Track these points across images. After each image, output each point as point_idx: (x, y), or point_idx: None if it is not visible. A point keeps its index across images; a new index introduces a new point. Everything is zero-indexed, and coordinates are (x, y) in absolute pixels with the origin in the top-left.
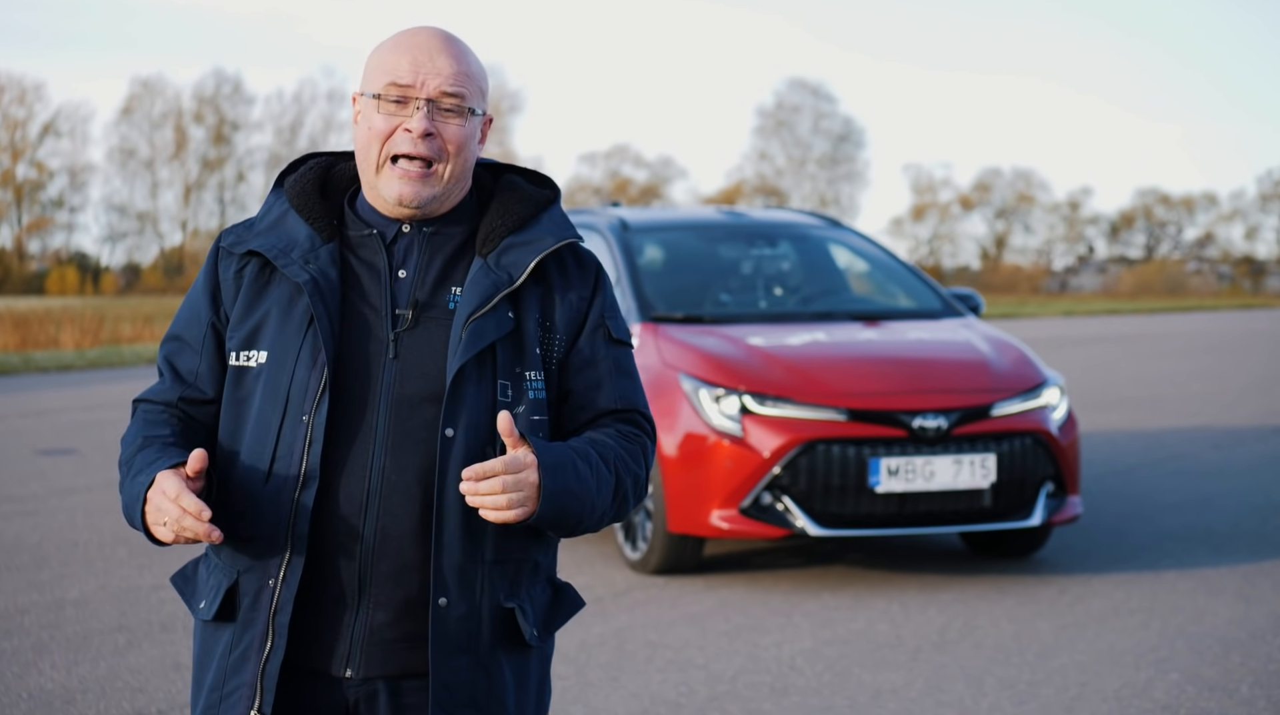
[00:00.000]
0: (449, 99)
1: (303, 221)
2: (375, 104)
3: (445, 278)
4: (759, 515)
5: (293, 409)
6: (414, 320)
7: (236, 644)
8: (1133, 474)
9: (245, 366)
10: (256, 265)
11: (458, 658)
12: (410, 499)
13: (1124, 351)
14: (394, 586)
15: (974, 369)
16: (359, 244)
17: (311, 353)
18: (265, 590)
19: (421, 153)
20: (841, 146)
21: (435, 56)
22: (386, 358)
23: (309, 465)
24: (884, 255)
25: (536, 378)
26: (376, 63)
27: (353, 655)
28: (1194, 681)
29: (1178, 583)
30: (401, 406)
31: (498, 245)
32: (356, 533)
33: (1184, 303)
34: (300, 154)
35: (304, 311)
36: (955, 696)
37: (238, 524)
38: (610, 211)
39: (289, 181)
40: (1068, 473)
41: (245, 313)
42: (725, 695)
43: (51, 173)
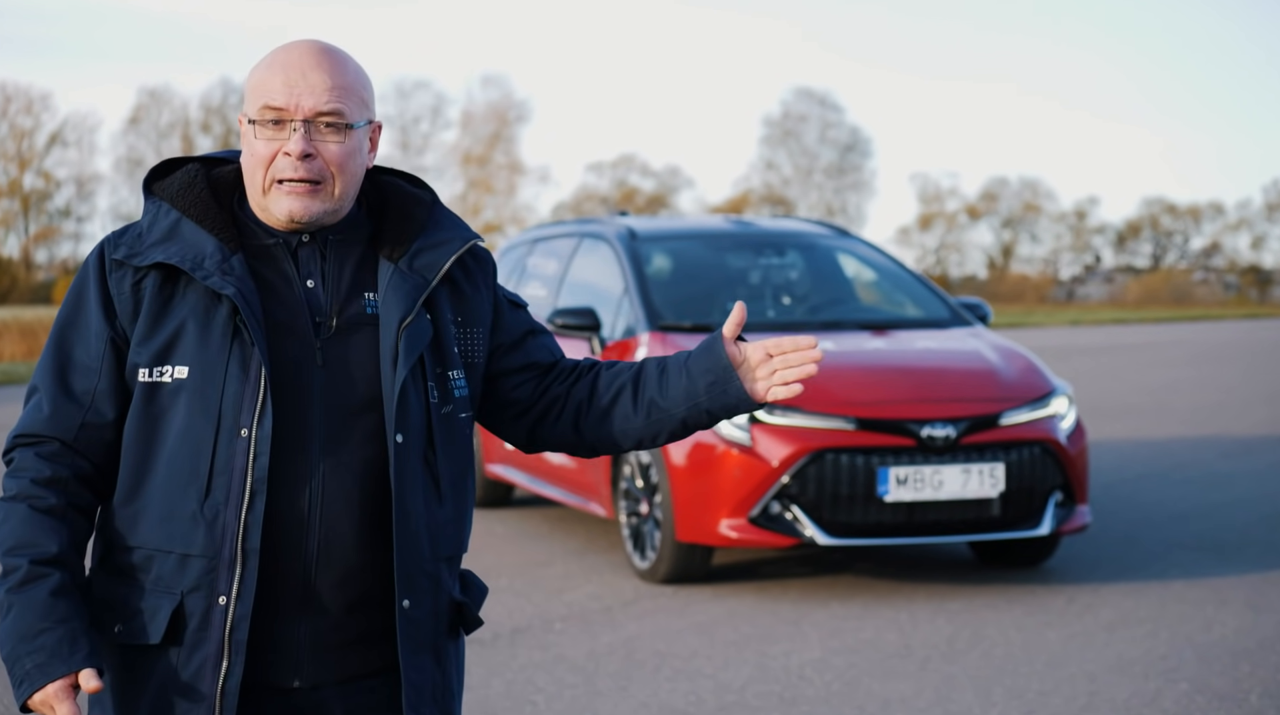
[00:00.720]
0: (326, 117)
1: (204, 231)
2: (254, 129)
3: (357, 284)
4: (768, 524)
5: (226, 423)
6: (335, 328)
7: (183, 666)
8: (1141, 483)
9: (159, 382)
10: (158, 278)
11: (422, 656)
12: (351, 505)
13: (1131, 361)
14: (338, 592)
15: (982, 378)
16: (263, 253)
17: (241, 365)
18: (215, 609)
19: (302, 175)
20: (848, 156)
21: (308, 73)
22: (315, 366)
23: (255, 478)
24: (892, 264)
25: (459, 376)
26: (253, 84)
27: (301, 665)
28: (1203, 691)
29: (1186, 592)
30: (334, 414)
31: (408, 249)
32: (301, 543)
33: (1190, 312)
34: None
35: (224, 322)
36: (964, 706)
37: (174, 544)
38: (618, 220)
39: (169, 189)
40: (1076, 482)
41: (152, 328)
42: (734, 705)
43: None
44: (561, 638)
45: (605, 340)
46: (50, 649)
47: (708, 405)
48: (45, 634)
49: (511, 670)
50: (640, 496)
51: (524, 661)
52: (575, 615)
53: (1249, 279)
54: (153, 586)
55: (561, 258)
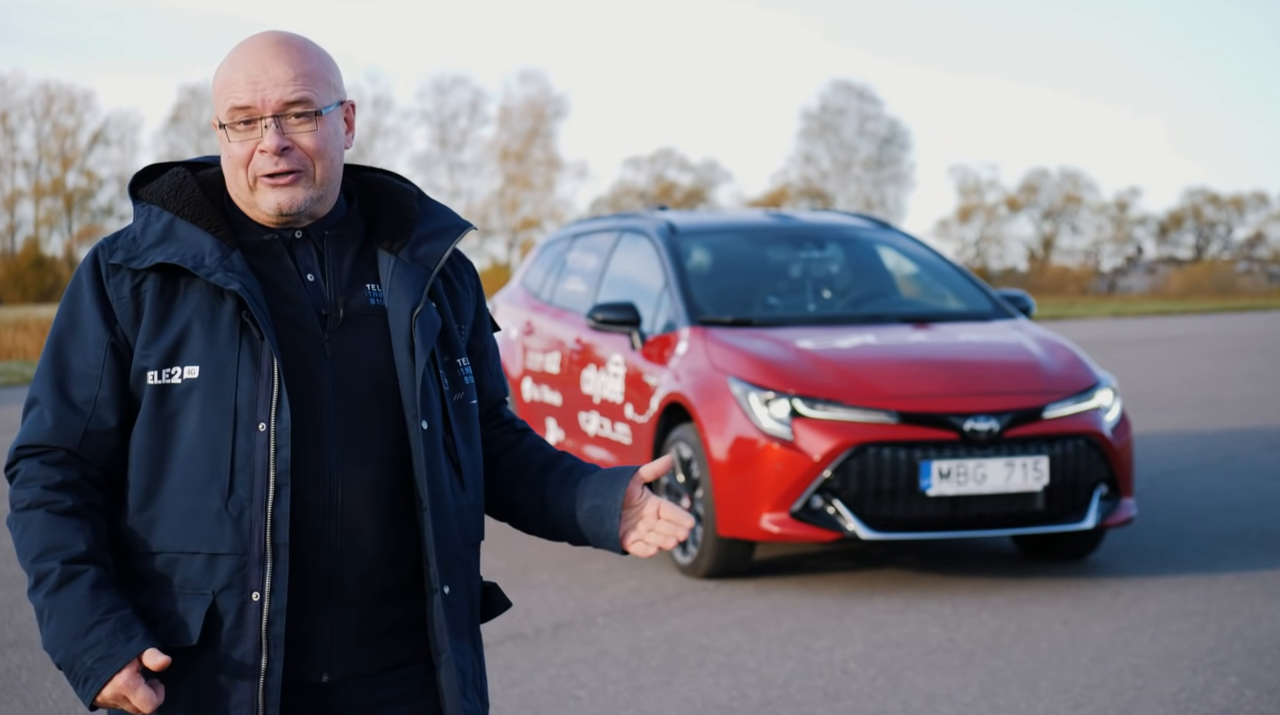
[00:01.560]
0: (294, 107)
1: (201, 230)
2: (226, 131)
3: (358, 275)
4: (810, 518)
5: (243, 418)
6: (341, 320)
7: (221, 665)
8: (1186, 476)
9: (169, 384)
10: (158, 279)
11: (463, 641)
12: (370, 497)
13: (1174, 352)
14: (363, 583)
15: (1025, 371)
16: (261, 250)
17: (252, 360)
18: (249, 605)
19: (282, 168)
20: (887, 148)
21: (269, 67)
22: (324, 358)
23: (278, 472)
24: (933, 257)
25: (465, 364)
26: (218, 86)
27: (329, 658)
28: (1252, 685)
29: (1234, 585)
30: (348, 405)
31: (408, 239)
32: (323, 536)
33: (1234, 303)
34: (171, 160)
35: (231, 319)
36: (1010, 700)
37: (200, 544)
38: (658, 215)
39: (158, 191)
40: (1121, 475)
41: (158, 329)
42: (778, 699)
43: (101, 181)
44: (604, 633)
45: (645, 335)
46: (107, 639)
47: (583, 526)
48: (97, 626)
49: (554, 665)
50: (682, 491)
51: (567, 656)
52: (618, 610)
53: None
54: (180, 589)
55: (601, 252)
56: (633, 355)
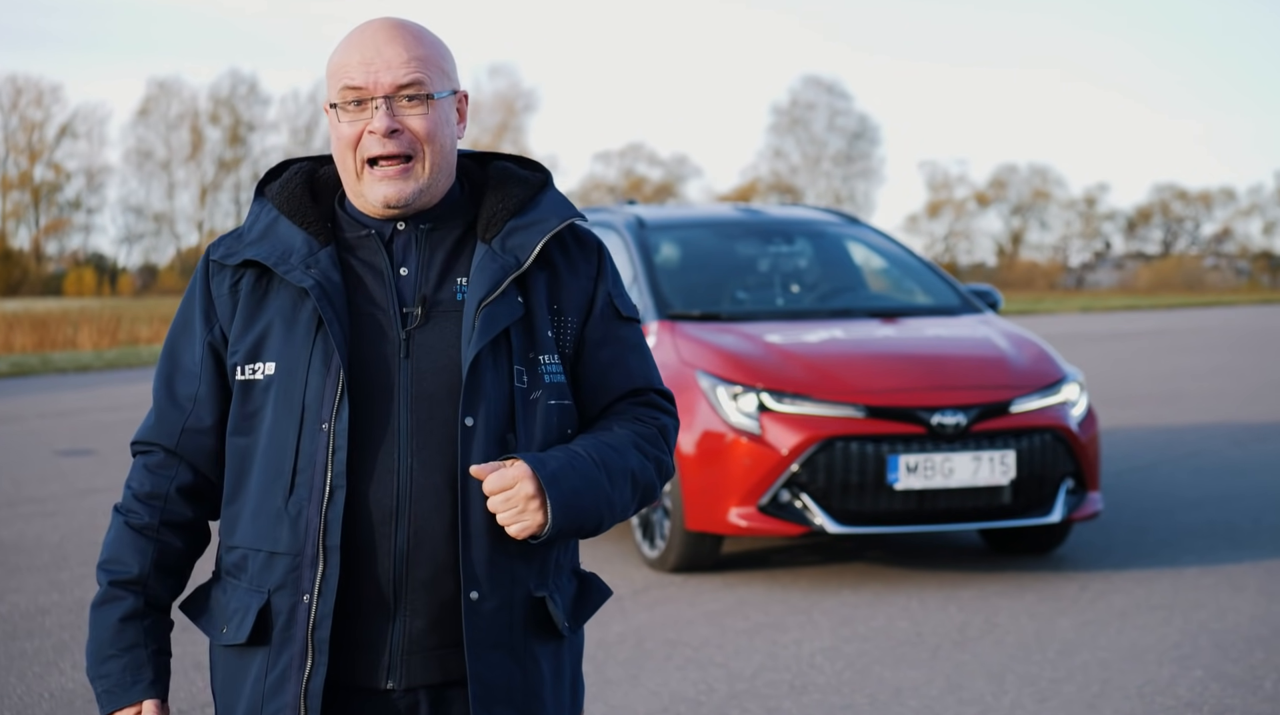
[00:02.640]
0: (406, 89)
1: (296, 227)
2: (337, 112)
3: (449, 270)
4: (777, 513)
5: (309, 417)
6: (424, 317)
7: (273, 666)
8: (1153, 470)
9: (253, 380)
10: (253, 276)
11: (493, 653)
12: (441, 500)
13: (1142, 348)
14: (430, 591)
15: (993, 365)
16: (357, 245)
17: (324, 358)
18: (300, 607)
19: (391, 151)
20: (857, 143)
21: (383, 49)
22: (400, 357)
23: (334, 474)
24: (902, 252)
25: (551, 361)
26: (331, 68)
27: (393, 666)
28: (1218, 678)
29: (1200, 579)
30: (421, 405)
31: (501, 229)
32: (389, 539)
33: (1202, 298)
34: (302, 155)
35: (310, 317)
36: (976, 694)
37: (263, 541)
38: (626, 209)
39: (273, 188)
40: (1088, 469)
41: (246, 325)
42: (745, 693)
43: (69, 174)
44: None
45: None
46: (115, 677)
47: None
48: (111, 660)
49: None
50: None
51: None
52: None
53: (1261, 265)
54: (247, 586)
55: None
56: None
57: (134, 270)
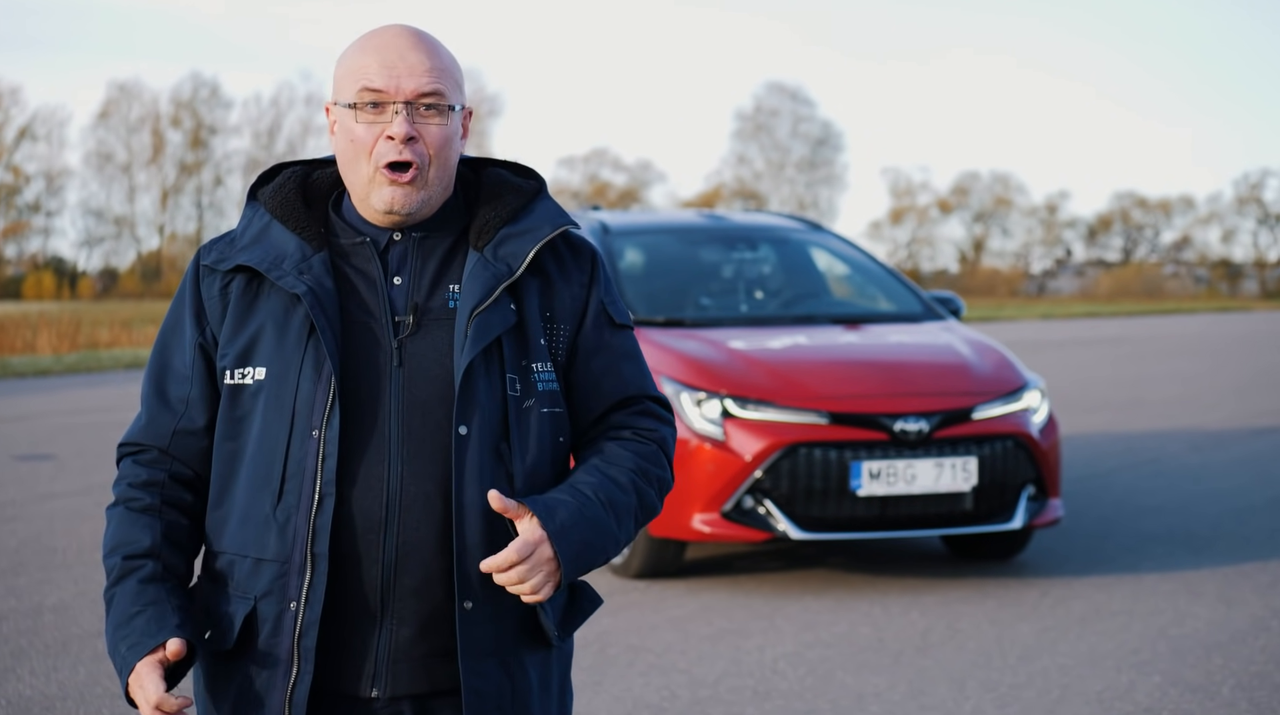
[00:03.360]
0: (427, 98)
1: (289, 232)
2: (352, 113)
3: (441, 278)
4: (741, 519)
5: (300, 424)
6: (415, 325)
7: (257, 673)
8: (1113, 477)
9: (241, 384)
10: (243, 280)
11: (485, 662)
12: (431, 509)
13: (1103, 354)
14: (418, 600)
15: (955, 372)
16: (351, 252)
17: (315, 365)
18: (286, 614)
19: (407, 158)
20: (820, 150)
21: (406, 55)
22: (392, 366)
23: (324, 481)
24: (865, 258)
25: (544, 369)
26: (346, 68)
27: (379, 675)
28: (1176, 684)
29: (1159, 585)
30: (413, 413)
31: (493, 237)
32: (377, 548)
33: (1161, 306)
34: (277, 159)
35: (302, 323)
36: (938, 699)
37: (250, 548)
38: (591, 215)
39: (266, 192)
40: (1049, 475)
41: (236, 329)
42: (708, 699)
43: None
44: None
45: None
46: (141, 629)
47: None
48: (136, 617)
49: None
50: None
51: None
52: None
53: (1219, 272)
54: (233, 592)
55: None
56: None
57: (94, 274)
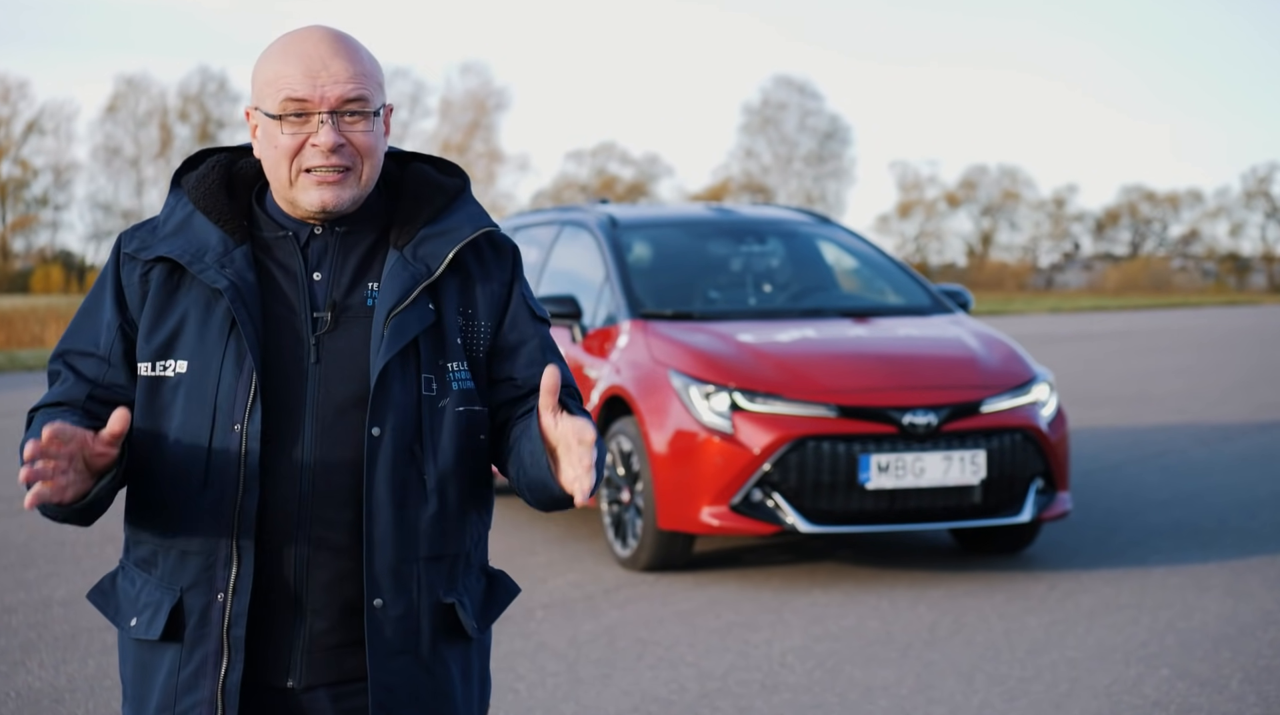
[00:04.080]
0: (351, 104)
1: (212, 224)
2: (277, 124)
3: (361, 275)
4: (749, 512)
5: (222, 418)
6: (333, 322)
7: (186, 662)
8: (1121, 470)
9: (161, 377)
10: (164, 270)
11: (397, 659)
12: (342, 505)
13: (1110, 348)
14: (331, 593)
15: (964, 365)
16: (273, 246)
17: (236, 359)
18: (214, 605)
19: (334, 163)
20: (828, 144)
21: (329, 62)
22: (309, 362)
23: (247, 475)
24: (873, 252)
25: (460, 368)
26: (267, 76)
27: (294, 665)
28: (1184, 677)
29: (1167, 579)
30: (327, 412)
31: (413, 237)
32: (292, 542)
33: (1169, 299)
34: (220, 146)
35: (223, 317)
36: (946, 693)
37: (174, 540)
38: (599, 208)
39: (189, 180)
40: (1057, 469)
41: (156, 321)
42: (716, 692)
43: (36, 171)
44: (543, 626)
45: (586, 328)
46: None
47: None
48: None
49: (494, 659)
50: (621, 484)
51: (506, 650)
52: (557, 603)
53: (1227, 266)
54: (158, 583)
55: (542, 246)
56: (573, 348)
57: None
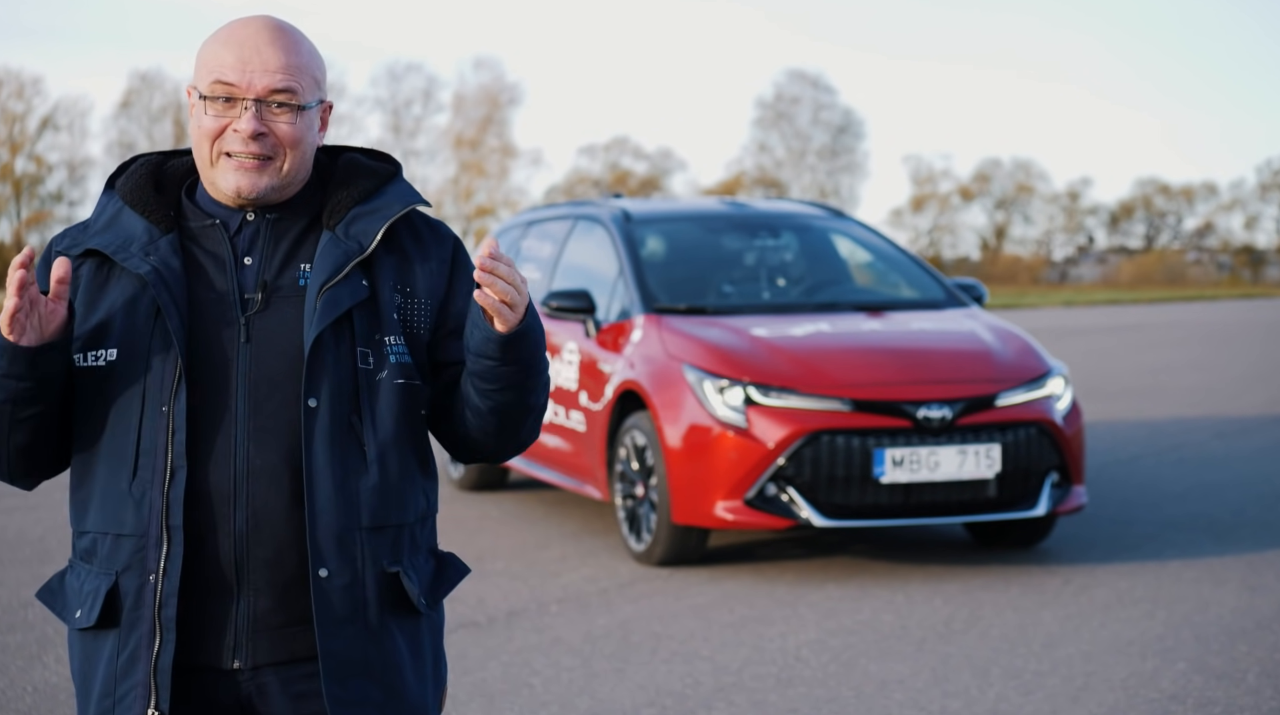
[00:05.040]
0: (278, 95)
1: (138, 216)
2: (204, 104)
3: (293, 258)
4: (764, 506)
5: (150, 400)
6: (264, 302)
7: (123, 647)
8: (1136, 464)
9: (94, 367)
10: (93, 266)
11: (345, 627)
12: (278, 480)
13: (1125, 341)
14: (272, 570)
15: (978, 359)
16: (200, 234)
17: (163, 344)
18: (147, 587)
19: (254, 151)
20: (841, 138)
21: (262, 50)
22: (239, 342)
23: (174, 456)
24: (887, 245)
25: (397, 342)
26: (204, 57)
27: (239, 646)
28: (1200, 671)
29: (1183, 572)
30: (259, 388)
31: (344, 216)
32: (229, 520)
33: (1184, 293)
34: (150, 151)
35: (149, 304)
36: (961, 687)
37: (110, 525)
38: (613, 203)
39: (120, 181)
40: (1072, 462)
41: (86, 314)
42: (731, 687)
43: (50, 167)
44: (558, 620)
45: (600, 323)
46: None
47: (471, 363)
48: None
49: (508, 653)
50: (636, 479)
51: (520, 644)
52: (571, 598)
53: (1242, 259)
54: (97, 570)
55: (556, 240)
56: (587, 343)
57: None
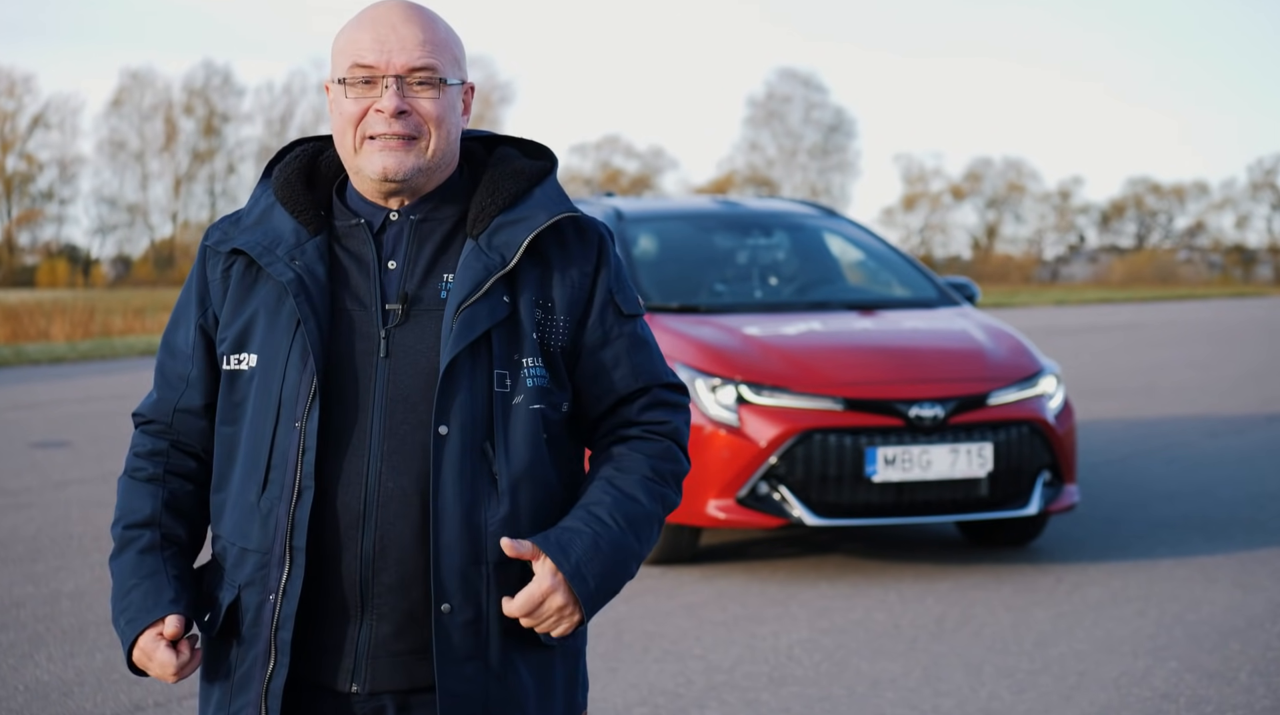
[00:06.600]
0: (418, 73)
1: (288, 215)
2: (344, 89)
3: (435, 265)
4: (756, 505)
5: (285, 414)
6: (405, 314)
7: (240, 661)
8: (1128, 463)
9: (237, 370)
10: (243, 262)
11: (465, 665)
12: (409, 506)
13: (1117, 340)
14: (397, 597)
15: (970, 358)
16: (346, 235)
17: (301, 355)
18: (266, 606)
19: (397, 131)
20: (832, 137)
21: (399, 28)
22: (378, 357)
23: (303, 474)
24: (879, 244)
25: (535, 364)
26: (340, 45)
27: (358, 670)
28: (1192, 669)
29: (1175, 571)
30: (395, 408)
31: (488, 225)
32: (356, 542)
33: (1175, 292)
34: (313, 135)
35: (291, 311)
36: (953, 686)
37: (237, 536)
38: (604, 201)
39: (276, 171)
40: (1064, 461)
41: (233, 314)
42: (723, 685)
43: (41, 165)
44: None
45: None
46: (137, 604)
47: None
48: (134, 590)
49: None
50: None
51: None
52: None
53: (1233, 258)
54: (224, 578)
55: None
56: None
57: (107, 261)
